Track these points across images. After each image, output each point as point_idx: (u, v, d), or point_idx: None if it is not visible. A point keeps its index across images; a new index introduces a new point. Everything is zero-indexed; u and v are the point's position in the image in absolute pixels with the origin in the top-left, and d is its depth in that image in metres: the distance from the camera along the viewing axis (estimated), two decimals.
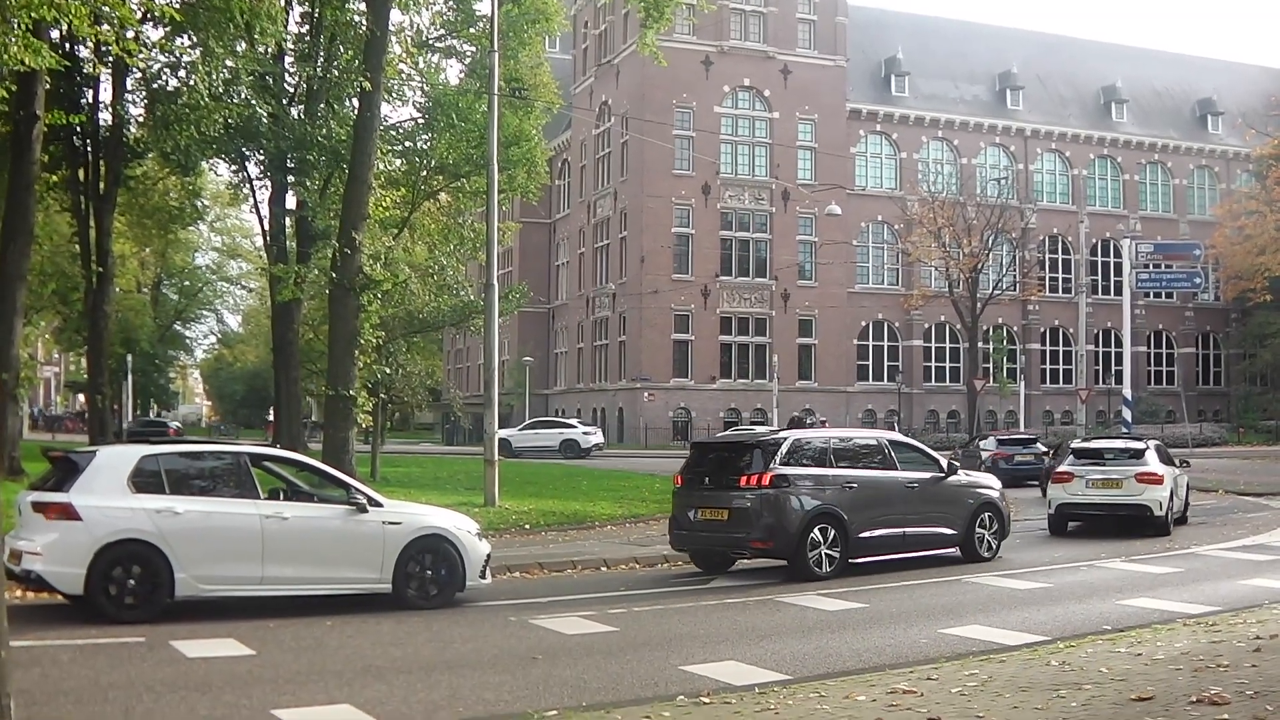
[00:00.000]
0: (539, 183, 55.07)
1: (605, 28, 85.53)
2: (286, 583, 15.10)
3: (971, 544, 20.76)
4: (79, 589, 14.03)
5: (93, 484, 14.31)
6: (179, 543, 14.33)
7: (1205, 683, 9.80)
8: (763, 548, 18.90)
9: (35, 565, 13.93)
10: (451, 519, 16.61)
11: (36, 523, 14.19)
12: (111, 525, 14.13)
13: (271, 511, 15.11)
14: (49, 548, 13.97)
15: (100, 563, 13.98)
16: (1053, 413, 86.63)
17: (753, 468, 18.74)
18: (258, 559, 14.84)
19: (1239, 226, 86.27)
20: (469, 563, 16.03)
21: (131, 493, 14.41)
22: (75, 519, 14.04)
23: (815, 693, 10.07)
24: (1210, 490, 37.79)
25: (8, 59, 21.87)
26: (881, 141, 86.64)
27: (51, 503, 14.21)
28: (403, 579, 15.59)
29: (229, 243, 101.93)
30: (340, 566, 15.46)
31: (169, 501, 14.50)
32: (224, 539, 14.73)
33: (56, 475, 14.86)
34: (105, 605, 14.00)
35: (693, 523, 19.36)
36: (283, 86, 48.12)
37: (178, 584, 14.31)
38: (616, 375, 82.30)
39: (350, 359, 31.51)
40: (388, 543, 15.56)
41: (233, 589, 14.87)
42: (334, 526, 15.53)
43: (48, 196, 42.97)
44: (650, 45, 35.00)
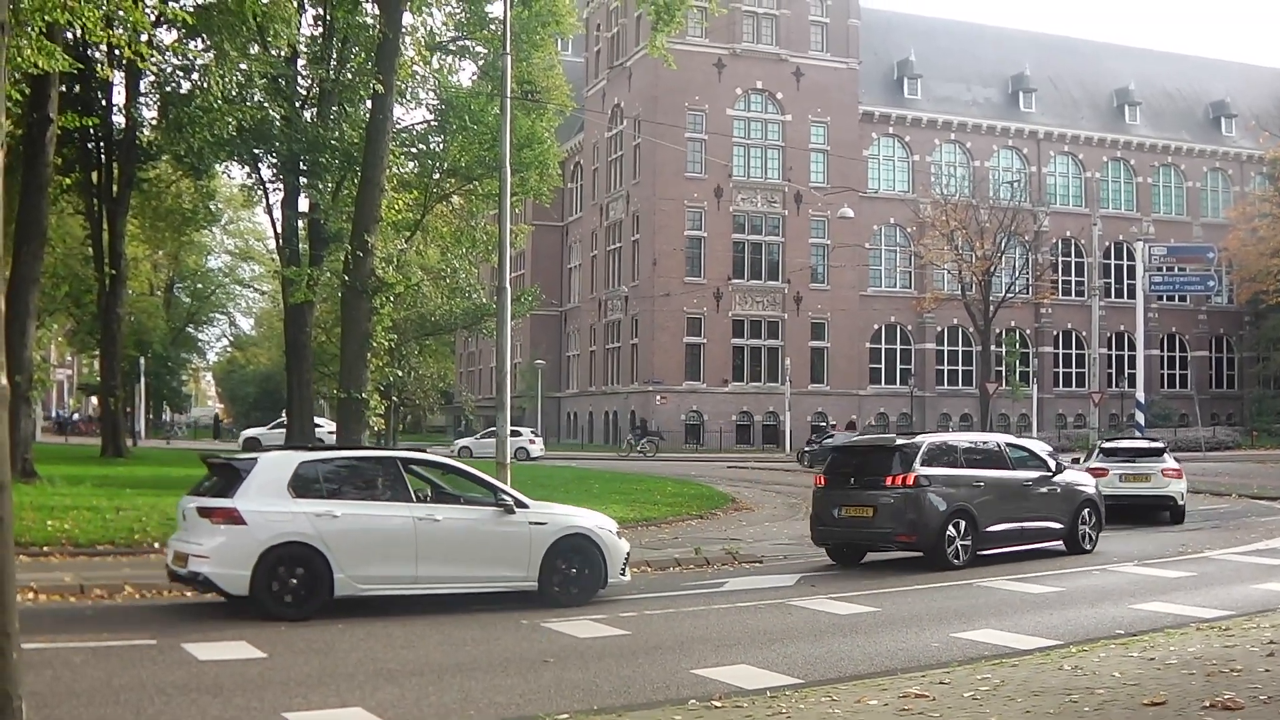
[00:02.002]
0: (551, 185, 55.13)
1: (617, 30, 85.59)
2: (438, 582, 15.70)
3: (1075, 537, 22.44)
4: (244, 590, 14.60)
5: (255, 489, 14.93)
6: (338, 544, 14.95)
7: (1219, 687, 9.76)
8: (906, 541, 20.50)
9: (203, 567, 14.57)
10: (594, 519, 17.23)
11: (202, 527, 14.81)
12: (274, 529, 14.73)
13: (424, 514, 15.68)
14: (216, 551, 14.60)
15: (264, 565, 14.60)
16: (1065, 416, 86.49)
17: (897, 469, 20.37)
18: (412, 559, 15.46)
19: (1252, 229, 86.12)
20: (610, 561, 16.62)
21: (292, 497, 15.04)
22: (240, 523, 14.63)
23: (827, 696, 10.05)
24: (1223, 494, 37.65)
25: (21, 62, 21.92)
26: (894, 144, 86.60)
27: (217, 508, 14.78)
28: (549, 577, 16.15)
29: (241, 245, 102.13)
30: (489, 566, 16.04)
31: (328, 505, 15.13)
32: (380, 540, 15.35)
33: (218, 481, 15.49)
34: (269, 605, 14.58)
35: (837, 519, 20.90)
36: (295, 89, 48.19)
37: (336, 584, 14.94)
38: (629, 378, 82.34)
39: (362, 361, 31.53)
40: (534, 542, 16.14)
41: (388, 588, 15.43)
42: (483, 527, 16.10)
43: (61, 199, 43.06)
44: (661, 48, 34.98)
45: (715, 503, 33.30)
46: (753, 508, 33.63)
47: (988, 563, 20.54)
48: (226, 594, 14.84)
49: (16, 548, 5.99)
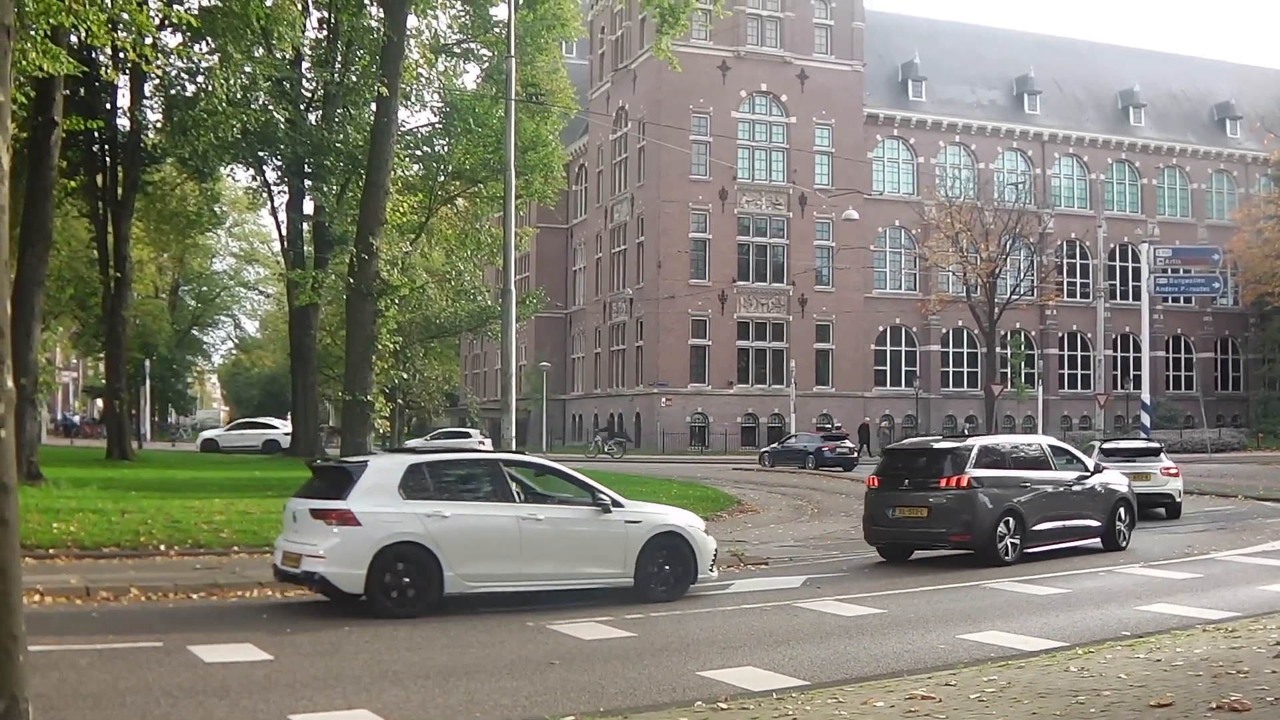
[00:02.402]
0: (556, 188, 55.20)
1: (622, 33, 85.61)
2: (541, 579, 16.26)
3: (1112, 534, 23.23)
4: (359, 589, 15.14)
5: (367, 491, 15.45)
6: (447, 544, 15.48)
7: (1225, 689, 9.75)
8: (960, 540, 21.26)
9: (318, 567, 15.06)
10: (685, 517, 17.96)
11: (317, 528, 15.30)
12: (387, 529, 15.23)
13: (527, 513, 16.26)
14: (331, 551, 15.09)
15: (378, 564, 15.12)
16: (1071, 418, 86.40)
17: (950, 471, 21.15)
18: (516, 558, 16.04)
19: (1258, 230, 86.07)
20: (700, 557, 17.20)
21: (403, 499, 15.56)
22: (355, 524, 15.14)
23: (833, 698, 10.04)
24: (1229, 495, 37.61)
25: (26, 65, 21.95)
26: (899, 146, 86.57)
27: (332, 509, 15.27)
28: (644, 574, 16.77)
29: (246, 248, 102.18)
30: (588, 563, 16.61)
31: (437, 506, 15.67)
32: (486, 539, 15.91)
33: (329, 483, 16.04)
34: (383, 603, 15.12)
35: (891, 519, 21.68)
36: (300, 92, 48.32)
37: (446, 582, 15.48)
38: (633, 380, 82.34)
39: (368, 364, 31.56)
40: (630, 540, 16.75)
41: (494, 586, 16.01)
42: (582, 526, 16.69)
43: (66, 202, 43.13)
44: (666, 50, 34.95)
45: (721, 505, 33.26)
46: (758, 510, 33.63)
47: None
48: (342, 593, 15.34)
49: (22, 550, 5.99)
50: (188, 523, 22.66)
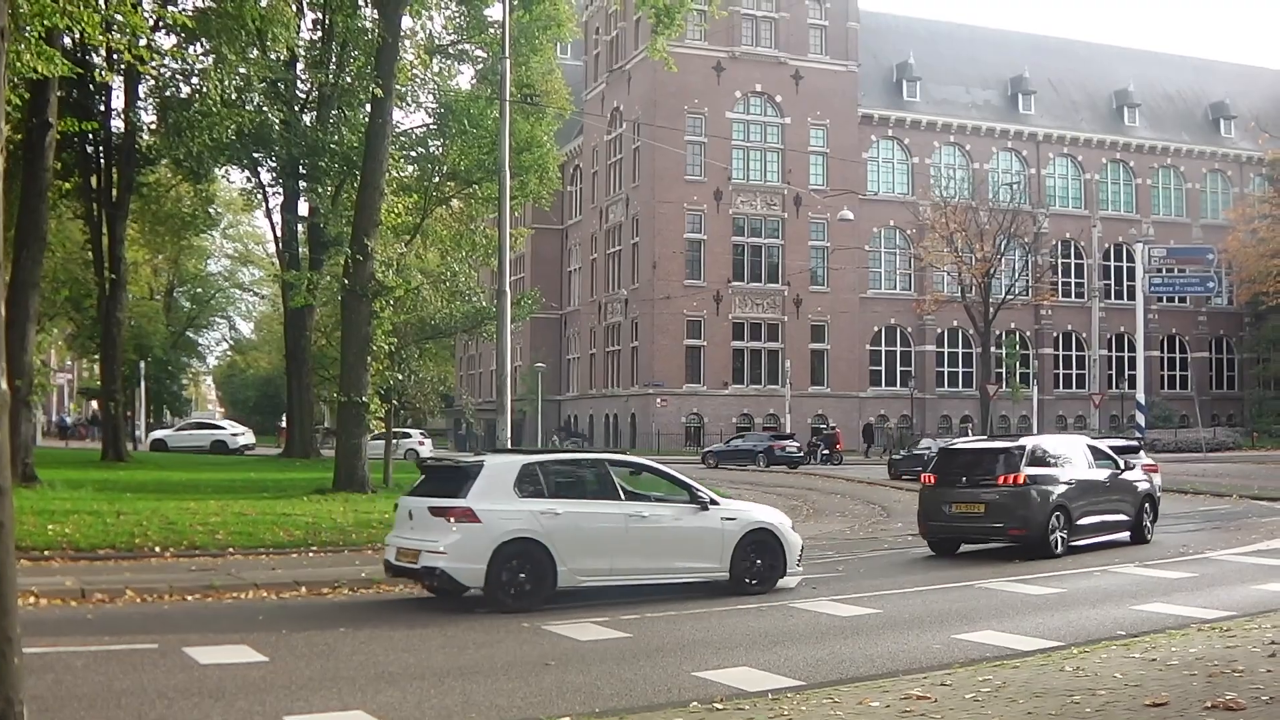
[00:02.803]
0: (551, 189, 55.16)
1: (616, 34, 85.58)
2: (645, 573, 17.15)
3: (1139, 528, 24.68)
4: (480, 583, 15.87)
5: (485, 490, 16.19)
6: (560, 539, 16.24)
7: (1220, 688, 9.76)
8: (1017, 534, 22.49)
9: (439, 563, 15.78)
10: (774, 515, 18.90)
11: (437, 525, 16.00)
12: (506, 526, 15.99)
13: (632, 510, 17.13)
14: (452, 547, 15.81)
15: (497, 559, 15.85)
16: (1066, 418, 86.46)
17: (1006, 469, 22.57)
18: (623, 553, 16.88)
19: (1252, 230, 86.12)
20: (789, 553, 18.12)
21: (518, 497, 16.35)
22: (475, 521, 15.86)
23: (829, 699, 10.04)
24: (1224, 495, 37.65)
25: (21, 67, 21.93)
26: (893, 147, 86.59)
27: (453, 507, 15.97)
28: (738, 568, 17.61)
29: (241, 249, 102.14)
30: (688, 558, 17.46)
31: (550, 504, 16.46)
32: (596, 535, 16.69)
33: (446, 483, 16.75)
34: (502, 597, 15.86)
35: (948, 515, 22.97)
36: (295, 93, 48.28)
37: (559, 576, 16.22)
38: (629, 381, 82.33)
39: (363, 365, 31.54)
40: (726, 536, 17.58)
41: (602, 579, 16.75)
42: (682, 523, 17.50)
43: (61, 204, 43.10)
44: (661, 51, 34.97)
45: None
46: None
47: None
48: (461, 587, 16.08)
49: (17, 552, 5.99)
50: (183, 524, 22.65)
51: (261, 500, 28.48)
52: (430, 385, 37.90)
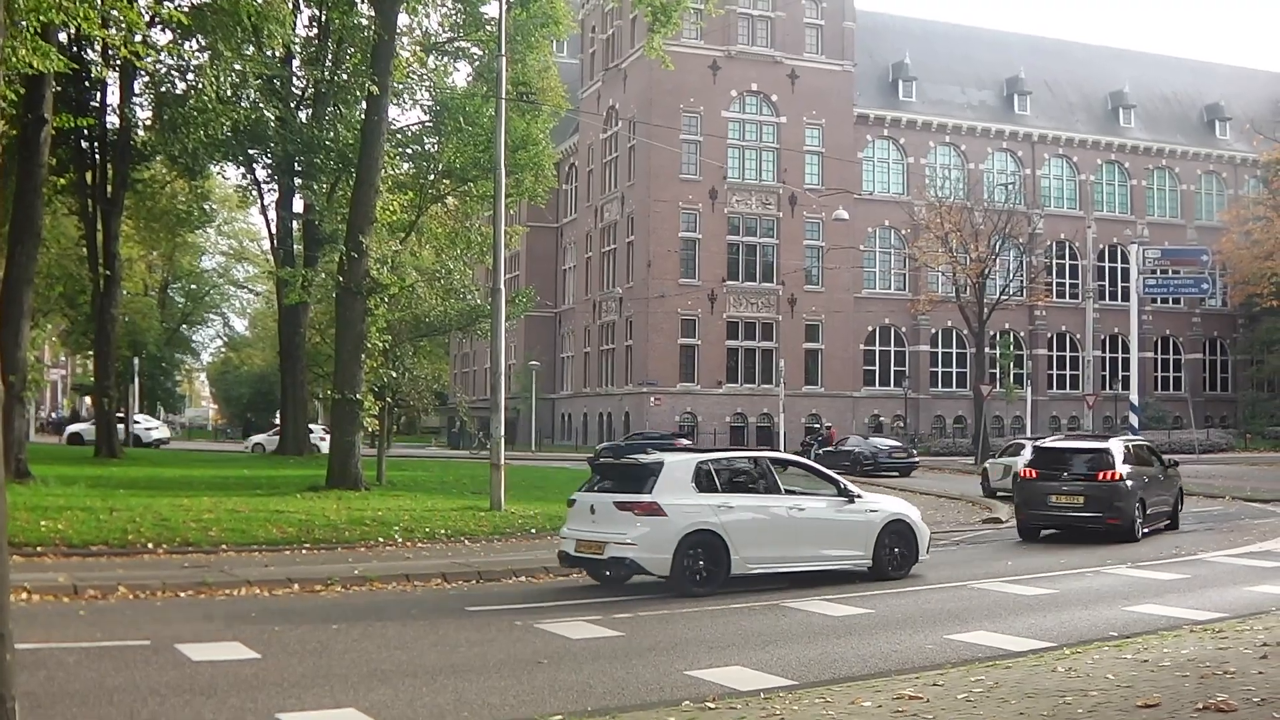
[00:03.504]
0: (546, 187, 55.16)
1: (613, 32, 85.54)
2: (802, 561, 18.65)
3: (1175, 516, 28.51)
4: (666, 571, 17.32)
5: (668, 486, 17.61)
6: (733, 531, 17.73)
7: (1212, 689, 9.77)
8: (1113, 523, 25.47)
9: (628, 553, 17.24)
10: (907, 507, 20.45)
11: (624, 519, 17.43)
12: (688, 519, 17.42)
13: (793, 504, 18.74)
14: (641, 539, 17.23)
15: (681, 549, 17.30)
16: (1060, 418, 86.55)
17: (1104, 466, 25.77)
18: (785, 542, 18.45)
19: (1246, 232, 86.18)
20: (921, 542, 19.87)
21: (696, 492, 17.79)
22: (661, 515, 17.31)
23: (821, 698, 10.05)
24: (1217, 496, 37.72)
25: (16, 62, 21.90)
26: (889, 147, 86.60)
27: (640, 502, 17.42)
28: (880, 556, 19.27)
29: (236, 246, 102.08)
30: (838, 547, 19.07)
31: (723, 498, 17.96)
32: (764, 527, 18.26)
33: (628, 480, 18.12)
34: (685, 583, 17.31)
35: (1050, 505, 26.23)
36: (290, 90, 48.22)
37: (733, 564, 17.69)
38: (623, 379, 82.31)
39: (357, 362, 31.52)
40: (870, 527, 19.25)
41: (768, 567, 18.27)
42: (834, 514, 19.11)
43: (55, 199, 43.00)
44: (657, 50, 34.98)
45: None
46: None
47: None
48: (651, 575, 17.48)
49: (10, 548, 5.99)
50: (176, 521, 22.63)
51: (255, 497, 28.47)
52: (424, 383, 37.79)
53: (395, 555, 21.04)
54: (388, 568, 19.13)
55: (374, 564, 19.55)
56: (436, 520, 24.99)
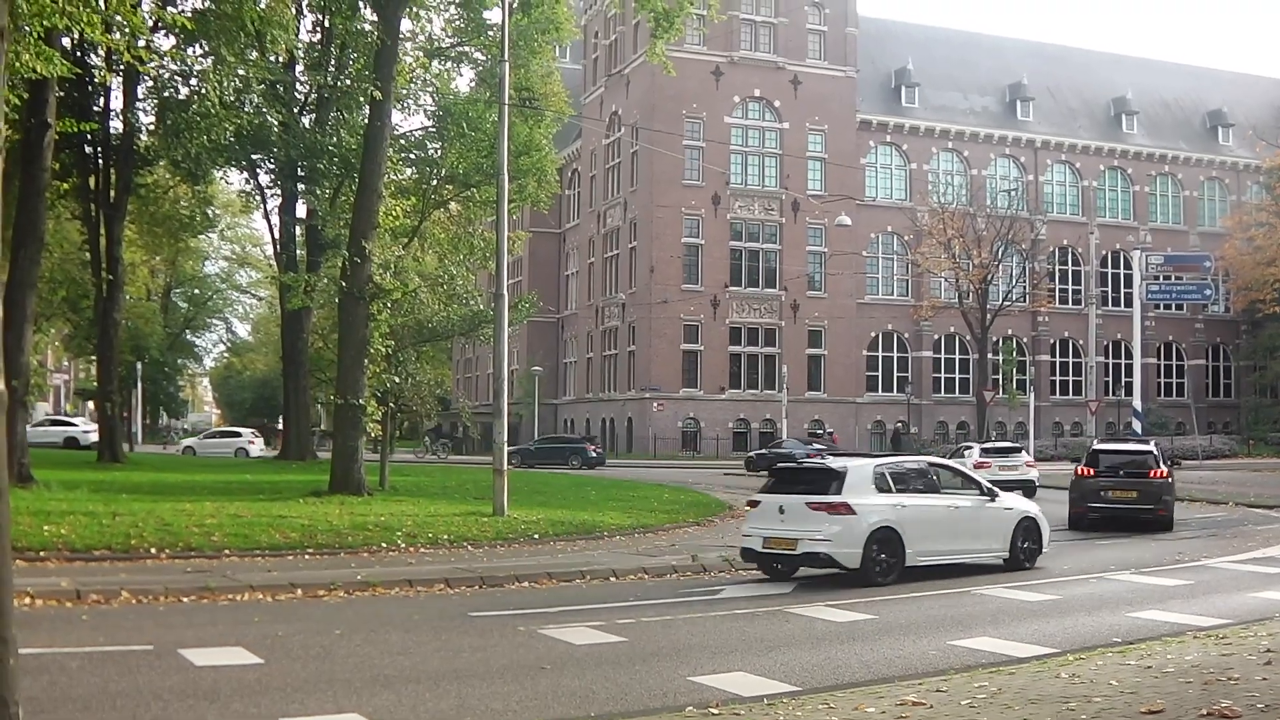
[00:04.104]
0: (549, 192, 55.14)
1: (615, 38, 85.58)
2: (957, 554, 20.64)
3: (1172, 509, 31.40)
4: (856, 564, 19.13)
5: (853, 487, 19.49)
6: (908, 527, 19.62)
7: (1216, 696, 9.76)
8: (1161, 515, 29.43)
9: (823, 548, 19.14)
10: (1033, 505, 22.92)
11: (815, 517, 19.27)
12: (874, 516, 19.32)
13: (950, 502, 20.87)
14: (835, 535, 19.08)
15: (868, 544, 19.17)
16: (1062, 424, 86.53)
17: (1155, 465, 30.55)
18: (946, 537, 20.46)
19: (1249, 238, 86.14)
20: (1044, 537, 22.15)
21: (876, 493, 19.71)
22: (851, 514, 19.16)
23: (824, 704, 10.04)
24: (1220, 502, 37.69)
25: (20, 67, 21.91)
26: (891, 152, 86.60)
27: (831, 502, 19.26)
28: (1015, 548, 21.38)
29: (239, 251, 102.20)
30: (984, 541, 21.14)
31: (897, 498, 19.85)
32: (929, 524, 20.16)
33: (813, 482, 20.01)
34: (871, 575, 19.10)
35: (1105, 499, 30.07)
36: (293, 95, 48.26)
37: (907, 557, 19.58)
38: (626, 385, 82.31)
39: (360, 368, 31.52)
40: (1009, 522, 21.43)
41: (932, 560, 20.18)
42: (981, 512, 21.19)
43: (58, 204, 43.07)
44: (660, 55, 35.00)
45: (711, 510, 33.24)
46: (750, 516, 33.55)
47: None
48: (843, 568, 19.19)
49: (13, 552, 5.98)
50: (179, 525, 22.61)
51: (257, 502, 28.45)
52: (427, 388, 37.77)
53: (398, 560, 21.02)
54: (390, 573, 19.11)
55: (377, 569, 19.53)
56: (439, 525, 24.97)
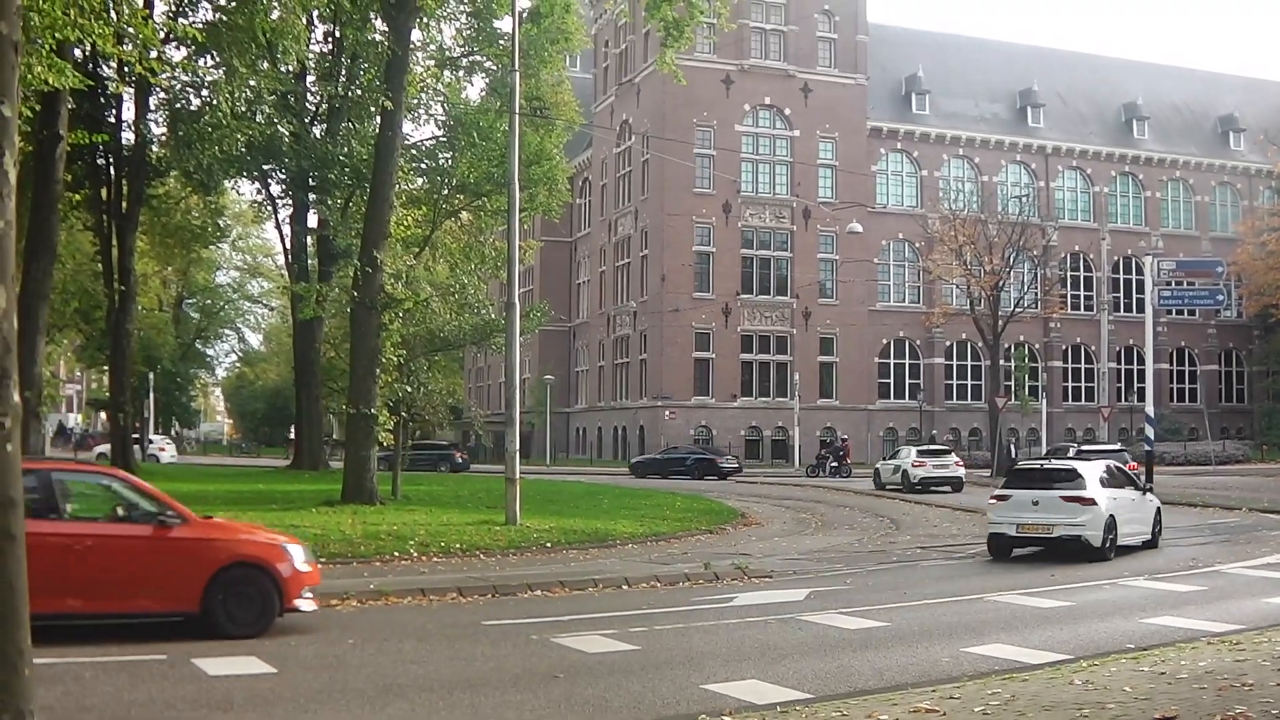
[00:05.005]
0: (560, 201, 55.22)
1: (626, 46, 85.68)
2: (1132, 536, 25.24)
3: None
4: (1099, 543, 23.80)
5: (1091, 484, 24.38)
6: (1118, 514, 24.50)
7: (1230, 702, 9.74)
8: None
9: (1079, 532, 23.88)
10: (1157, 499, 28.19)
11: (1069, 508, 24.00)
12: (1109, 508, 24.21)
13: (1132, 495, 25.85)
14: (1086, 522, 23.86)
15: (1107, 529, 24.03)
16: (1075, 430, 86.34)
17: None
18: (1132, 522, 25.25)
19: (1261, 243, 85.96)
20: (1162, 524, 27.39)
21: (1101, 488, 24.44)
22: (1095, 505, 23.96)
23: (837, 711, 10.03)
24: (1233, 508, 37.59)
25: (32, 79, 21.99)
26: (902, 159, 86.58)
27: (1082, 496, 24.09)
28: (1154, 532, 26.63)
29: (250, 261, 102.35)
30: (1143, 525, 26.01)
31: (1111, 492, 24.76)
32: (1127, 511, 25.05)
33: (1059, 479, 25.05)
34: (1106, 552, 23.94)
35: None
36: (305, 105, 48.37)
37: (1119, 537, 24.40)
38: (637, 393, 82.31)
39: (372, 377, 31.57)
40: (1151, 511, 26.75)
41: (1125, 541, 24.67)
42: (1142, 502, 26.42)
43: (71, 215, 43.15)
44: (670, 64, 35.02)
45: (724, 518, 33.25)
46: (762, 523, 33.61)
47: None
48: (1090, 546, 23.72)
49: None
50: None
51: (270, 512, 28.50)
52: (439, 397, 37.83)
53: (410, 570, 21.05)
54: (403, 582, 19.12)
55: (389, 578, 19.56)
56: (452, 535, 25.01)
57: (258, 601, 14.48)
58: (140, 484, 15.58)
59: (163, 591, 14.35)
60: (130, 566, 14.24)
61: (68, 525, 14.10)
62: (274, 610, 14.58)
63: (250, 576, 14.51)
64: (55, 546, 13.49)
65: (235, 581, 14.41)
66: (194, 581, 14.22)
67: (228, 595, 14.34)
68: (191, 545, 14.45)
